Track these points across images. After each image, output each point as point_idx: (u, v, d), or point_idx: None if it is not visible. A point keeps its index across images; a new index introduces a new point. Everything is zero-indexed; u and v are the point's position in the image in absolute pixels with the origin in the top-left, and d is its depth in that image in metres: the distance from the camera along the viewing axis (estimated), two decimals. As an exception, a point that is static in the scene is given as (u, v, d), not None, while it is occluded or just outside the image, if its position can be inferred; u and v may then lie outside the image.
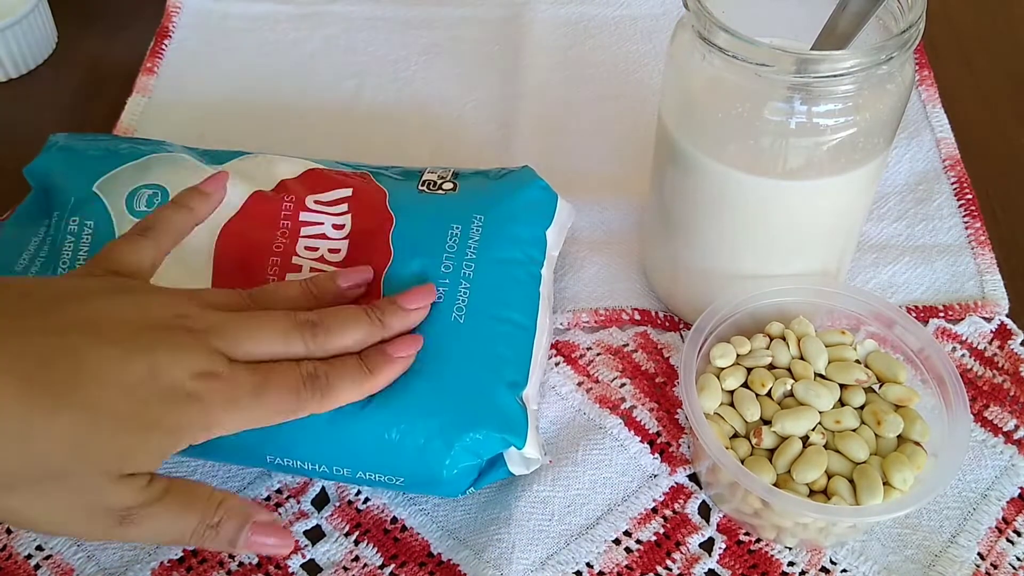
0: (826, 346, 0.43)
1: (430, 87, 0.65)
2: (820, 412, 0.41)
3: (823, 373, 0.43)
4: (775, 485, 0.40)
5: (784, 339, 0.44)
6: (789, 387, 0.42)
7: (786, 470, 0.40)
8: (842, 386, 0.42)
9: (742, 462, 0.41)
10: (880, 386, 0.43)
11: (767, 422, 0.42)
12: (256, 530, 0.37)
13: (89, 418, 0.33)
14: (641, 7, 0.69)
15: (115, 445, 0.33)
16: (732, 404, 0.43)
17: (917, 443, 0.41)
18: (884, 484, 0.40)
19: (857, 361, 0.43)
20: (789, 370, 0.43)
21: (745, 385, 0.43)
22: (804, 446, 0.41)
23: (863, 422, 0.42)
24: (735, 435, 0.42)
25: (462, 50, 0.67)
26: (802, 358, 0.43)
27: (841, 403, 0.42)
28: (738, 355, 0.44)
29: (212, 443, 0.42)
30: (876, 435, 0.41)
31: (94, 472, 0.33)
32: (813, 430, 0.41)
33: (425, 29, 0.68)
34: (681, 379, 0.41)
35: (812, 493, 0.40)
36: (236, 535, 0.37)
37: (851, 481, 0.40)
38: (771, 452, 0.41)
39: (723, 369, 0.43)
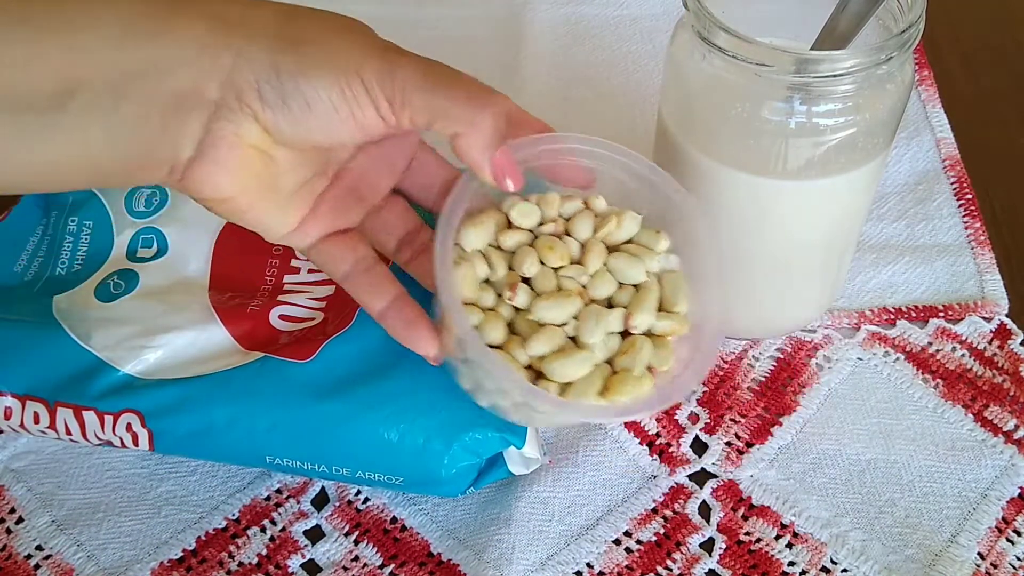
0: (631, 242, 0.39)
1: (430, 87, 0.65)
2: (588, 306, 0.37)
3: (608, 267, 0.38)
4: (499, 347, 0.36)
5: (596, 214, 0.40)
6: (584, 280, 0.38)
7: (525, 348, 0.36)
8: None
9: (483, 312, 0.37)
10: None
11: (527, 280, 0.38)
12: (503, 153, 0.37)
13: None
14: (641, 7, 0.69)
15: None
16: (509, 257, 0.38)
17: (650, 369, 0.37)
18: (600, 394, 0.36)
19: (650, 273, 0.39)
20: (583, 246, 0.39)
21: (532, 245, 0.38)
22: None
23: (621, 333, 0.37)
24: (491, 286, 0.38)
25: (462, 50, 0.67)
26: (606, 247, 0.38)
27: (611, 304, 0.38)
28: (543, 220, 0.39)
29: (212, 443, 0.42)
30: (619, 352, 0.37)
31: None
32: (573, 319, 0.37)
33: (425, 29, 0.68)
34: (458, 183, 0.36)
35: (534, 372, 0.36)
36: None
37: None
38: (515, 311, 0.37)
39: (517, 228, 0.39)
